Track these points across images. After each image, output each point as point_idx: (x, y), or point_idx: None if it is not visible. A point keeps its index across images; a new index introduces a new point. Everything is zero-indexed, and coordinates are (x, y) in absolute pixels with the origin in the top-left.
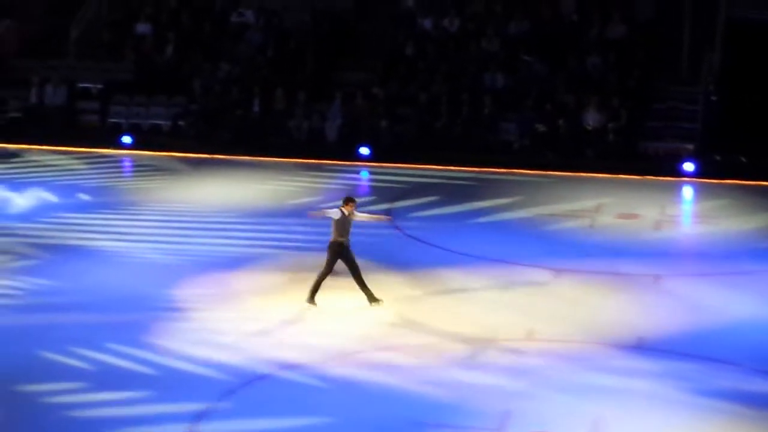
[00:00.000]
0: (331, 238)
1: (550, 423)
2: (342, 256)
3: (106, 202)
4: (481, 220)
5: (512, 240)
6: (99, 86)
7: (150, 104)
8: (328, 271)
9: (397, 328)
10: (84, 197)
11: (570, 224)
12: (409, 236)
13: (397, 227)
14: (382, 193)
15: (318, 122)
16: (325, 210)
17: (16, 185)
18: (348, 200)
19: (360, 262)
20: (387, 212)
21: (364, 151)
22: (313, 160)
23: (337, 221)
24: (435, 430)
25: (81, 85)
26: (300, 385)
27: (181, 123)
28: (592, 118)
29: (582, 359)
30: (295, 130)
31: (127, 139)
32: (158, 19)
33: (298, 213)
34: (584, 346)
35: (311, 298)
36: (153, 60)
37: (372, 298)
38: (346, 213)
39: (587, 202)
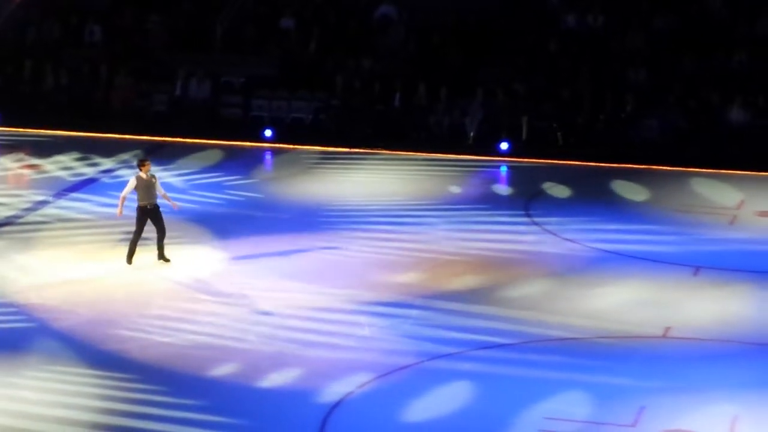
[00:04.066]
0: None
1: (686, 420)
2: (148, 218)
3: (247, 196)
4: (620, 216)
5: (651, 236)
6: (241, 80)
7: (292, 98)
8: (137, 235)
9: (532, 321)
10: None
11: (710, 221)
12: (547, 231)
13: (535, 222)
14: (521, 188)
15: (458, 118)
16: (122, 195)
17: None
18: (141, 163)
19: (495, 255)
20: (526, 207)
21: (504, 146)
22: (452, 155)
23: (138, 187)
24: (570, 424)
25: (224, 79)
26: (440, 376)
27: (322, 117)
28: (736, 116)
29: (719, 357)
30: (436, 125)
31: (268, 133)
32: (303, 14)
33: (436, 209)
34: (722, 344)
35: (129, 260)
36: (296, 55)
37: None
38: (144, 176)
39: (728, 200)
